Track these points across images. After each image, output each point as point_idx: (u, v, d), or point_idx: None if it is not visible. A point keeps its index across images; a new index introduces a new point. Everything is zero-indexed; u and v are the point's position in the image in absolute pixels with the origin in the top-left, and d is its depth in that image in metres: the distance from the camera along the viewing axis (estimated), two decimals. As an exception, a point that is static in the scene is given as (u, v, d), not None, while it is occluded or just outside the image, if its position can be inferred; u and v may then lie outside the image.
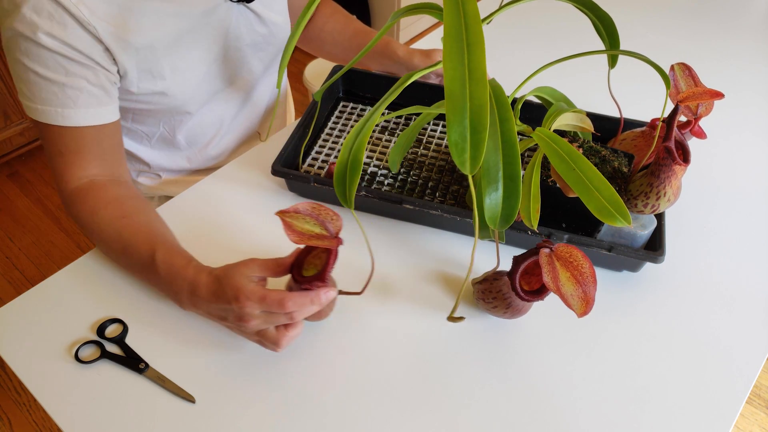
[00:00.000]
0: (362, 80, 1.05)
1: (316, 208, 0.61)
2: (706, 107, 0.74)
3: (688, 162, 0.68)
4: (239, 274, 0.64)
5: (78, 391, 0.67)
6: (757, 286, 0.80)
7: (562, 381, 0.69)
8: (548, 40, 1.29)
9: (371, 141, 0.97)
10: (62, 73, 0.73)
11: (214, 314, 0.67)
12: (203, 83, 0.90)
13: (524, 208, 0.65)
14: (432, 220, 0.84)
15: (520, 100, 0.78)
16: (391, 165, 0.86)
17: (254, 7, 0.90)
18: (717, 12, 1.43)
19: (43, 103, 0.75)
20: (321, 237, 0.59)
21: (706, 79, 1.15)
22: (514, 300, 0.67)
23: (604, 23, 0.71)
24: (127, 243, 0.73)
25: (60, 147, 0.78)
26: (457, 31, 0.49)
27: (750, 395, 1.57)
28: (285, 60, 0.70)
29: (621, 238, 0.76)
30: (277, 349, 0.66)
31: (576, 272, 0.58)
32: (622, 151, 0.79)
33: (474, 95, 0.49)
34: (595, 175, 0.59)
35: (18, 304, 0.75)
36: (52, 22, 0.70)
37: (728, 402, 0.68)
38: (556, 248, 0.60)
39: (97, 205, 0.77)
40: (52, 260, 1.86)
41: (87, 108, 0.77)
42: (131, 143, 0.99)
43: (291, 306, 0.61)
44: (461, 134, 0.49)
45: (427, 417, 0.66)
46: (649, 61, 0.67)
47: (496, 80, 0.63)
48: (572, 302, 0.57)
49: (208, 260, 0.70)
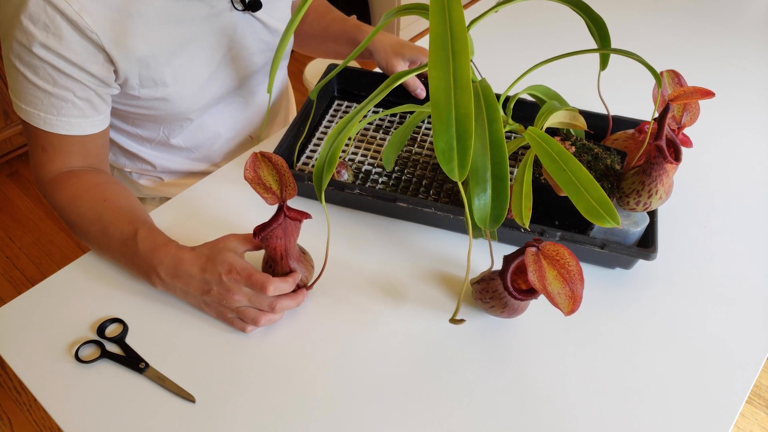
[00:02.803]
0: (357, 79, 1.06)
1: (285, 172, 0.63)
2: (690, 117, 0.75)
3: (679, 160, 0.69)
4: (227, 249, 0.69)
5: (78, 390, 0.67)
6: (757, 286, 0.80)
7: (560, 380, 0.70)
8: (543, 39, 1.30)
9: (365, 139, 0.98)
10: (50, 82, 0.74)
11: (194, 287, 0.70)
12: (206, 89, 0.90)
13: (516, 206, 0.65)
14: (426, 218, 0.85)
15: (513, 99, 0.79)
16: (385, 163, 0.87)
17: (260, 15, 0.90)
18: (717, 12, 1.43)
19: (28, 105, 0.76)
20: (268, 190, 0.64)
21: (706, 79, 1.17)
22: (510, 299, 0.67)
23: (597, 25, 0.72)
24: (107, 223, 0.75)
25: (43, 144, 0.79)
26: (442, 39, 0.49)
27: (750, 395, 1.56)
28: (276, 63, 0.70)
29: (614, 235, 0.77)
30: (252, 328, 0.71)
31: (563, 270, 0.58)
32: (615, 149, 0.80)
33: (459, 104, 0.50)
34: (585, 175, 0.59)
35: (18, 304, 0.75)
36: (47, 33, 0.70)
37: (728, 402, 0.68)
38: (543, 246, 0.60)
39: (78, 191, 0.78)
40: (52, 260, 1.86)
41: (69, 118, 0.77)
42: (134, 145, 0.99)
43: (272, 290, 0.67)
44: (448, 143, 0.50)
45: (425, 416, 0.66)
46: (640, 60, 0.68)
47: (486, 80, 0.64)
48: (559, 301, 0.57)
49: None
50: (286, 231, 0.67)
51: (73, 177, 0.80)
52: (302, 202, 0.88)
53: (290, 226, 0.67)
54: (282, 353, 0.71)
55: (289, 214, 0.65)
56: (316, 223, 0.79)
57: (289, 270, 0.70)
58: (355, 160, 0.94)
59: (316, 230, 0.79)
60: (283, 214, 0.64)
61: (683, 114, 0.75)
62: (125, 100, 0.85)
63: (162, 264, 0.71)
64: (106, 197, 0.78)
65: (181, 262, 0.70)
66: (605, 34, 0.73)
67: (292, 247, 0.69)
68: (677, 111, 0.75)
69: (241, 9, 0.86)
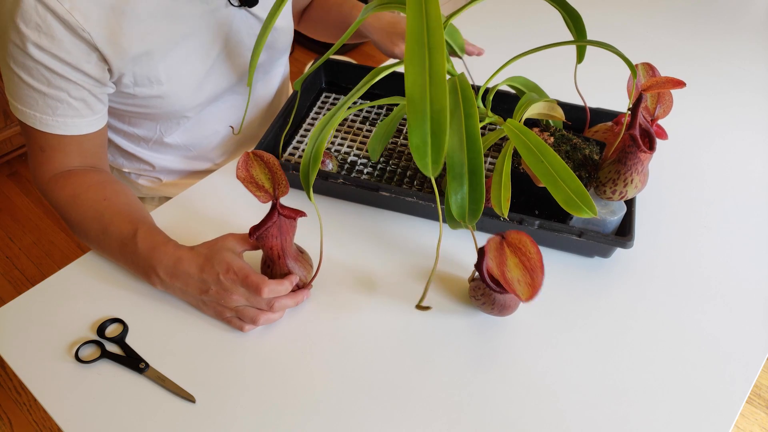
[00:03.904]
0: (344, 71, 1.07)
1: (278, 170, 0.64)
2: (663, 109, 0.76)
3: (653, 149, 0.70)
4: (225, 249, 0.70)
5: (78, 390, 0.67)
6: (758, 284, 0.80)
7: (560, 380, 0.70)
8: (523, 32, 1.30)
9: (352, 131, 0.99)
10: (44, 83, 0.74)
11: (192, 287, 0.70)
12: (202, 87, 0.90)
13: (495, 196, 0.66)
14: (410, 207, 0.86)
15: (492, 90, 0.79)
16: (371, 153, 0.88)
17: (256, 11, 0.89)
18: (717, 12, 1.43)
19: (24, 105, 0.76)
20: (260, 188, 0.64)
21: (705, 79, 1.19)
22: (497, 296, 0.68)
23: (573, 18, 0.73)
24: (108, 222, 0.75)
25: (41, 144, 0.80)
26: (419, 34, 0.49)
27: (750, 395, 1.55)
28: (257, 51, 0.71)
29: (592, 224, 0.78)
30: (251, 327, 0.71)
31: (524, 258, 0.59)
32: (594, 140, 0.82)
33: (434, 99, 0.50)
34: (562, 167, 0.60)
35: (18, 304, 0.75)
36: (39, 33, 0.69)
37: (728, 402, 0.68)
38: (507, 235, 0.61)
39: (78, 189, 0.79)
40: (52, 260, 1.86)
41: (65, 118, 0.78)
42: (131, 145, 0.99)
43: (267, 293, 0.67)
44: (422, 138, 0.51)
45: (424, 412, 0.67)
46: (614, 50, 0.69)
47: (464, 75, 0.64)
48: (516, 287, 0.58)
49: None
50: (282, 229, 0.67)
51: (73, 176, 0.81)
52: (289, 192, 0.89)
53: (285, 225, 0.67)
54: (282, 352, 0.71)
55: (282, 212, 0.66)
56: (307, 218, 0.80)
57: (287, 270, 0.71)
58: (341, 151, 0.95)
59: (306, 222, 0.77)
60: (277, 212, 0.65)
61: (656, 106, 0.76)
62: (121, 99, 0.84)
63: (161, 263, 0.71)
64: (106, 196, 0.78)
65: (179, 262, 0.71)
66: (581, 27, 0.74)
67: (289, 247, 0.70)
68: (651, 103, 0.76)
69: (237, 5, 0.86)
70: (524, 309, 0.75)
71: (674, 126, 0.94)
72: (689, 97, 1.10)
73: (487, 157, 0.95)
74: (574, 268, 0.80)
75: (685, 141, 1.02)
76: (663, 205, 0.90)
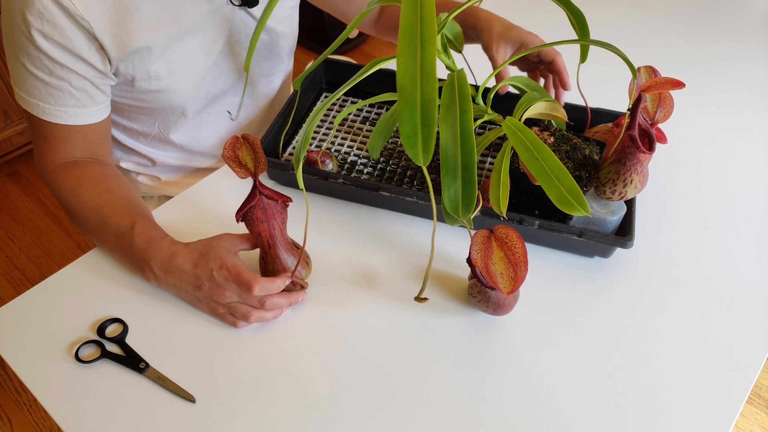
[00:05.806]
0: (344, 71, 1.07)
1: (258, 149, 0.66)
2: (664, 113, 0.76)
3: (652, 150, 0.70)
4: (220, 247, 0.71)
5: (78, 390, 0.67)
6: (758, 285, 0.80)
7: (559, 379, 0.70)
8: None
9: (352, 130, 0.99)
10: (47, 72, 0.75)
11: (185, 282, 0.71)
12: (202, 85, 0.90)
13: (494, 195, 0.66)
14: (409, 207, 0.86)
15: (493, 89, 0.80)
16: (371, 150, 0.88)
17: (255, 12, 0.90)
18: (717, 12, 1.43)
19: (27, 94, 0.77)
20: (241, 166, 0.66)
21: (705, 79, 1.19)
22: (492, 294, 0.68)
23: (577, 17, 0.73)
24: (106, 214, 0.76)
25: (45, 133, 0.81)
26: (412, 27, 0.50)
27: (750, 395, 1.55)
28: (254, 40, 0.72)
29: (592, 224, 0.78)
30: (243, 324, 0.72)
31: (509, 252, 0.60)
32: (594, 140, 0.82)
33: (425, 90, 0.50)
34: (557, 165, 0.61)
35: (18, 304, 0.76)
36: (42, 20, 0.70)
37: (728, 402, 0.68)
38: (495, 229, 0.62)
39: (80, 181, 0.80)
40: (52, 260, 1.86)
41: (67, 108, 0.78)
42: (129, 140, 0.99)
43: (258, 290, 0.68)
44: (412, 128, 0.51)
45: (423, 411, 0.67)
46: (616, 50, 0.69)
47: (464, 72, 0.64)
48: (498, 280, 0.59)
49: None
50: (266, 213, 0.67)
51: (76, 167, 0.81)
52: (289, 192, 0.89)
53: (270, 208, 0.67)
54: (282, 352, 0.71)
55: (263, 191, 0.66)
56: (302, 211, 0.81)
57: (279, 261, 0.71)
58: (341, 151, 0.95)
59: (305, 221, 0.78)
60: (258, 191, 0.66)
61: (657, 109, 0.76)
62: (120, 91, 0.85)
63: (155, 258, 0.72)
64: (107, 188, 0.79)
65: (174, 258, 0.71)
66: (584, 27, 0.74)
67: (280, 236, 0.70)
68: (651, 106, 0.76)
69: (238, 4, 0.86)
70: (524, 309, 0.75)
71: (674, 126, 0.93)
72: (689, 97, 1.10)
73: (487, 157, 0.95)
74: (574, 268, 0.80)
75: (684, 141, 1.03)
76: (663, 205, 0.90)
